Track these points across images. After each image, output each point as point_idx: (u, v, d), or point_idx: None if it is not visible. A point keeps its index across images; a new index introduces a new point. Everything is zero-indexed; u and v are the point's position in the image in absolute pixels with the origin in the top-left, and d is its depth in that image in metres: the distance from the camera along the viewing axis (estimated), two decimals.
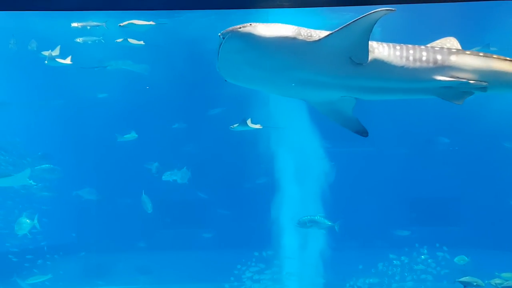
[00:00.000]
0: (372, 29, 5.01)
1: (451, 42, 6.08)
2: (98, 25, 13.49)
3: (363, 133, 5.99)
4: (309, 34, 5.12)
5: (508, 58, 5.52)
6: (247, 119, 11.03)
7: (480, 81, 5.47)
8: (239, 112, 12.97)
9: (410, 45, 5.51)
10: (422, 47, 5.56)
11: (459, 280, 10.81)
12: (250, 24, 4.96)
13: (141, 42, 13.06)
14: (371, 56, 5.23)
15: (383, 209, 15.58)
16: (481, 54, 5.58)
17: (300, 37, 5.06)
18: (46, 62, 12.68)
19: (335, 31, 5.01)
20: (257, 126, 10.91)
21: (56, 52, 12.88)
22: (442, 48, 5.61)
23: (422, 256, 13.57)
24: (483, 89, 5.53)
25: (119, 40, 12.94)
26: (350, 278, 13.84)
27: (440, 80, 5.43)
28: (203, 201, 16.03)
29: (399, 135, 15.43)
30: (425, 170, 15.62)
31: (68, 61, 12.87)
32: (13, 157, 14.26)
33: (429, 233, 14.70)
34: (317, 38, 5.08)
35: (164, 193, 14.47)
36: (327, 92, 5.60)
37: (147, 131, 14.84)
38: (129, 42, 12.82)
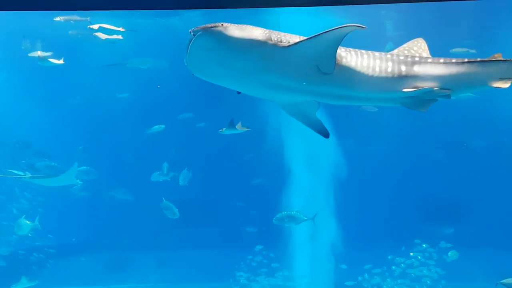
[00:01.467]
0: (340, 42, 5.05)
1: (419, 45, 6.12)
2: (82, 20, 13.48)
3: (325, 134, 6.05)
4: (279, 39, 5.10)
5: (466, 60, 5.55)
6: (235, 122, 11.00)
7: (443, 89, 5.53)
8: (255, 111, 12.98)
9: (377, 54, 5.54)
10: (389, 56, 5.60)
11: (501, 282, 10.69)
12: (222, 24, 4.92)
13: (120, 37, 12.94)
14: (338, 65, 5.25)
15: (396, 207, 15.55)
16: (441, 60, 5.60)
17: (270, 42, 5.04)
18: (39, 62, 12.64)
19: (304, 40, 5.04)
20: (245, 129, 10.87)
21: (46, 52, 12.84)
22: (406, 57, 5.65)
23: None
24: (447, 96, 5.60)
25: (97, 34, 12.77)
26: (360, 276, 13.80)
27: (405, 91, 5.49)
28: (218, 200, 16.06)
29: (411, 134, 15.42)
30: (438, 169, 15.57)
31: (61, 61, 12.84)
32: (50, 160, 14.28)
33: (440, 233, 14.68)
34: (286, 44, 5.08)
35: (179, 192, 14.45)
36: (293, 96, 5.66)
37: (169, 130, 14.86)
38: (110, 39, 12.69)
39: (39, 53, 12.70)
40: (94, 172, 14.29)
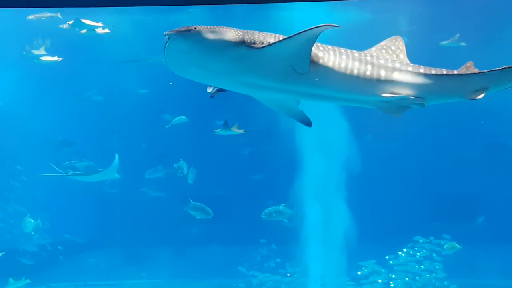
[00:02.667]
0: (313, 43, 5.02)
1: (397, 44, 6.11)
2: (52, 16, 13.47)
3: (307, 123, 6.05)
4: (253, 41, 5.08)
5: (445, 72, 5.58)
6: (229, 123, 10.97)
7: (419, 97, 5.57)
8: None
9: (357, 54, 5.52)
10: (369, 58, 5.56)
11: None
12: (195, 27, 4.96)
13: (107, 30, 12.90)
14: (315, 65, 5.24)
15: (409, 203, 15.49)
16: (421, 70, 5.62)
17: (244, 43, 5.04)
18: (35, 60, 12.67)
19: (276, 42, 5.02)
20: (240, 131, 10.82)
21: (42, 50, 12.85)
22: (387, 61, 5.63)
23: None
24: (421, 104, 5.64)
25: (83, 31, 12.79)
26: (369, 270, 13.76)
27: (381, 96, 5.51)
28: (232, 196, 16.07)
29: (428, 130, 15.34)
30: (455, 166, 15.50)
31: (56, 58, 12.85)
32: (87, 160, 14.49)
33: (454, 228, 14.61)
34: (260, 46, 5.06)
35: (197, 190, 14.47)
36: (271, 94, 5.70)
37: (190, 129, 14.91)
38: (96, 32, 12.66)
39: (38, 51, 12.76)
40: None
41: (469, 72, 5.55)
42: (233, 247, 15.47)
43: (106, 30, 12.84)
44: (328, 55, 5.35)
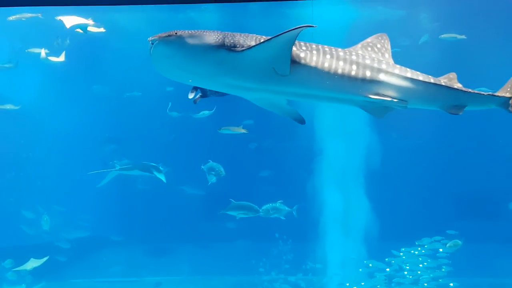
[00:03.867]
0: (292, 44, 5.03)
1: (383, 42, 6.05)
2: (33, 16, 13.46)
3: (300, 121, 6.09)
4: (233, 44, 5.14)
5: (432, 80, 5.58)
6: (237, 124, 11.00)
7: (403, 100, 5.58)
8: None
9: (341, 53, 5.48)
10: (354, 57, 5.52)
11: None
12: (176, 33, 5.05)
13: (102, 29, 12.85)
14: (297, 66, 5.26)
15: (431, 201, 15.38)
16: (408, 74, 5.61)
17: (224, 47, 5.12)
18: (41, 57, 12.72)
19: (255, 46, 5.05)
20: (243, 131, 10.83)
21: (44, 50, 12.89)
22: (373, 61, 5.59)
23: None
24: (404, 107, 5.65)
25: (78, 30, 12.66)
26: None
27: (366, 96, 5.51)
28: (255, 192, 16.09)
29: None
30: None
31: (61, 58, 12.91)
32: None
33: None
34: (240, 49, 5.12)
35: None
36: (257, 94, 5.75)
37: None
38: (88, 31, 12.64)
39: (42, 51, 12.81)
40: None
41: (454, 86, 5.62)
42: (254, 244, 15.55)
43: (102, 29, 12.80)
44: (311, 55, 5.35)
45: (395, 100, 5.53)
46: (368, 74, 5.47)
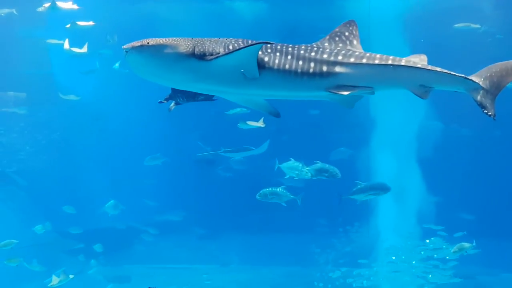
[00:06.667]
0: (256, 55, 5.21)
1: (351, 29, 5.93)
2: (8, 12, 13.71)
3: (275, 114, 6.17)
4: (202, 53, 5.33)
5: (390, 61, 5.43)
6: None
7: (366, 87, 5.57)
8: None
9: (302, 51, 5.53)
10: (313, 54, 5.53)
11: None
12: (148, 42, 5.21)
13: (91, 23, 12.84)
14: (263, 70, 5.42)
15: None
16: (364, 60, 5.50)
17: (194, 56, 5.30)
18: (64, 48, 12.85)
19: (221, 56, 5.24)
20: (261, 125, 10.67)
21: (66, 44, 12.97)
22: (330, 55, 5.58)
23: None
24: (371, 92, 5.62)
25: (68, 25, 12.69)
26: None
27: (327, 91, 5.56)
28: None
29: None
30: None
31: (84, 49, 13.00)
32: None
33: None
34: (209, 58, 5.31)
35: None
36: (232, 96, 5.99)
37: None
38: (77, 25, 12.62)
39: (66, 42, 12.96)
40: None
41: (418, 65, 5.47)
42: (304, 235, 15.52)
43: (75, 6, 12.64)
44: (274, 58, 5.49)
45: (355, 90, 5.51)
46: (324, 69, 5.54)
